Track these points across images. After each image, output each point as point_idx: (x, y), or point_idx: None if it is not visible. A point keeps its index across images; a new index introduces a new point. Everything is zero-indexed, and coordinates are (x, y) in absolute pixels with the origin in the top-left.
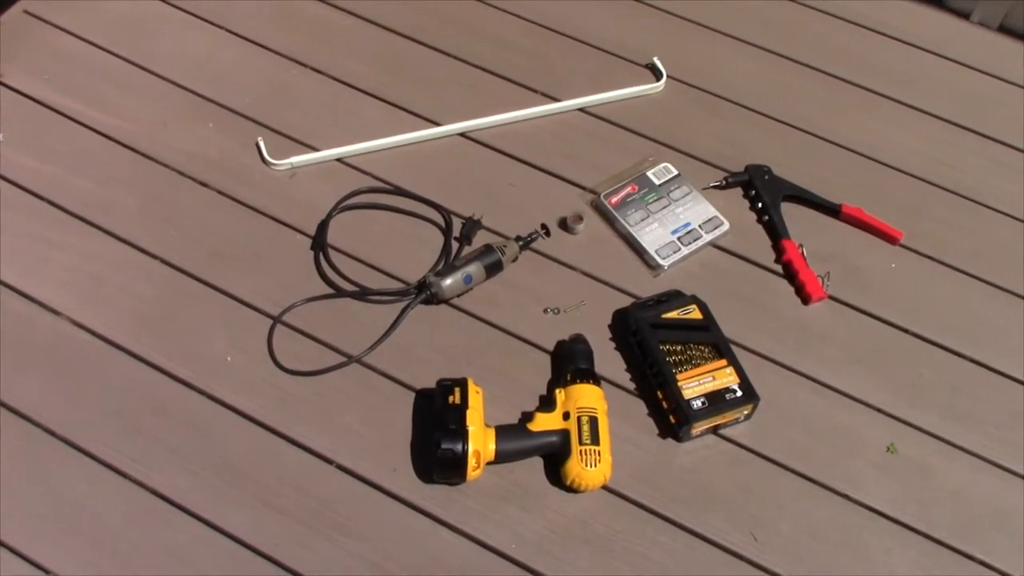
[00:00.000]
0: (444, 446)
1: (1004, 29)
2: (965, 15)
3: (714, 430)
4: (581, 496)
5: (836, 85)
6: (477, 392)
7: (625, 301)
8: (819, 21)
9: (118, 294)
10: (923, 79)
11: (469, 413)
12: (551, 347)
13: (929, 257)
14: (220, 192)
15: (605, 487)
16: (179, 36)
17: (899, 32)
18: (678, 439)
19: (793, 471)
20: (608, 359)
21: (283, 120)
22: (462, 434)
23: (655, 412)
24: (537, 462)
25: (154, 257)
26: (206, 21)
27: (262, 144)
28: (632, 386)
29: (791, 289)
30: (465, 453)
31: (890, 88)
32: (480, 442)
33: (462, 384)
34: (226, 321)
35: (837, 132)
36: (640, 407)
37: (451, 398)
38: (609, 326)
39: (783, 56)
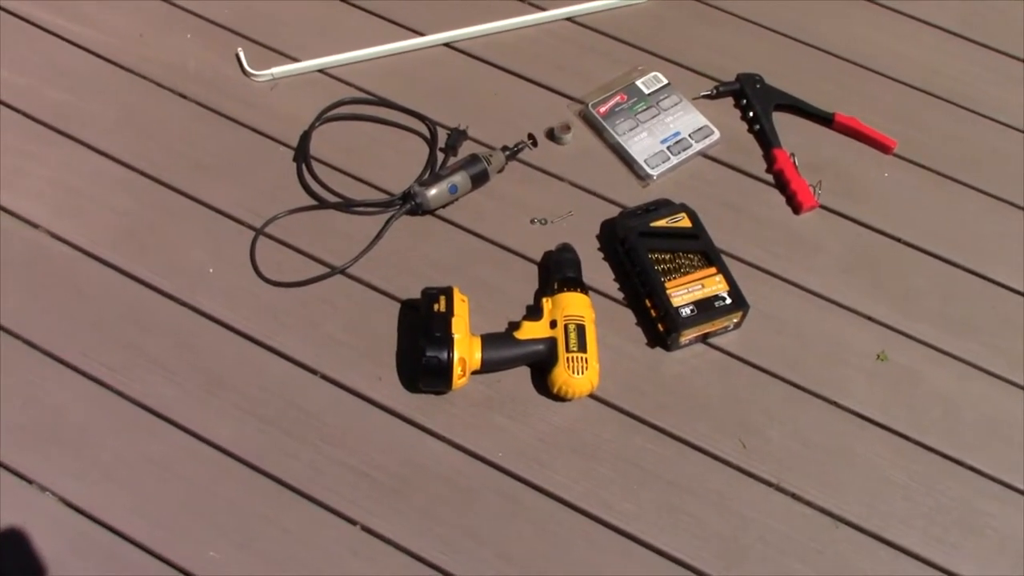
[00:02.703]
0: (429, 354)
1: None
2: None
3: (703, 339)
4: (568, 404)
5: None
6: (463, 300)
7: (613, 211)
8: None
9: (96, 206)
10: None
11: (454, 321)
12: (538, 258)
13: (923, 166)
14: (200, 104)
15: (593, 395)
16: None
17: None
18: (667, 348)
19: (782, 379)
20: (596, 269)
21: (263, 30)
22: (447, 341)
23: (644, 321)
24: (524, 371)
25: (133, 169)
26: None
27: (242, 55)
28: (621, 296)
29: (782, 199)
30: (450, 361)
31: None
32: (465, 350)
33: (447, 292)
34: (207, 233)
35: (831, 41)
36: (629, 317)
37: (436, 306)
38: (597, 236)
39: None
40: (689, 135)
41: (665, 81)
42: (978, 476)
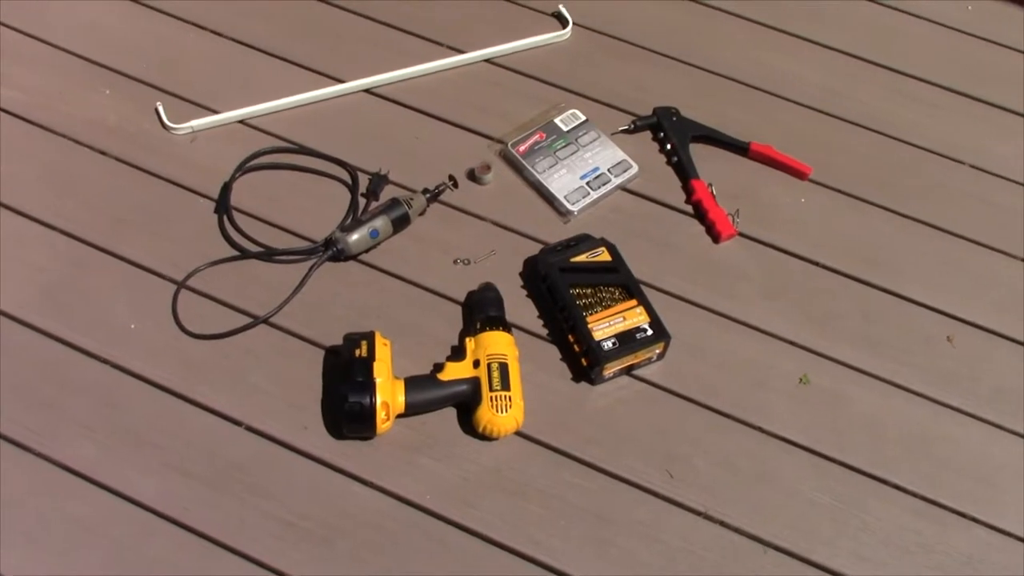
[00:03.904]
0: (351, 399)
1: None
2: None
3: (627, 371)
4: (494, 444)
5: (740, 24)
6: (385, 344)
7: (536, 249)
8: None
9: (16, 267)
10: (826, 14)
11: (376, 365)
12: (462, 298)
13: (838, 190)
14: (119, 159)
15: (519, 433)
16: (69, 3)
17: None
18: (591, 382)
19: (707, 407)
20: (520, 307)
21: (182, 84)
22: (369, 386)
23: (568, 356)
24: (450, 413)
25: (52, 227)
26: None
27: (161, 109)
28: (545, 332)
29: (702, 228)
30: (373, 405)
31: (794, 24)
32: (388, 394)
33: (369, 337)
34: (129, 289)
35: (743, 71)
36: (553, 353)
37: (358, 351)
38: (520, 274)
39: None
40: (608, 170)
41: (583, 118)
42: (903, 494)
